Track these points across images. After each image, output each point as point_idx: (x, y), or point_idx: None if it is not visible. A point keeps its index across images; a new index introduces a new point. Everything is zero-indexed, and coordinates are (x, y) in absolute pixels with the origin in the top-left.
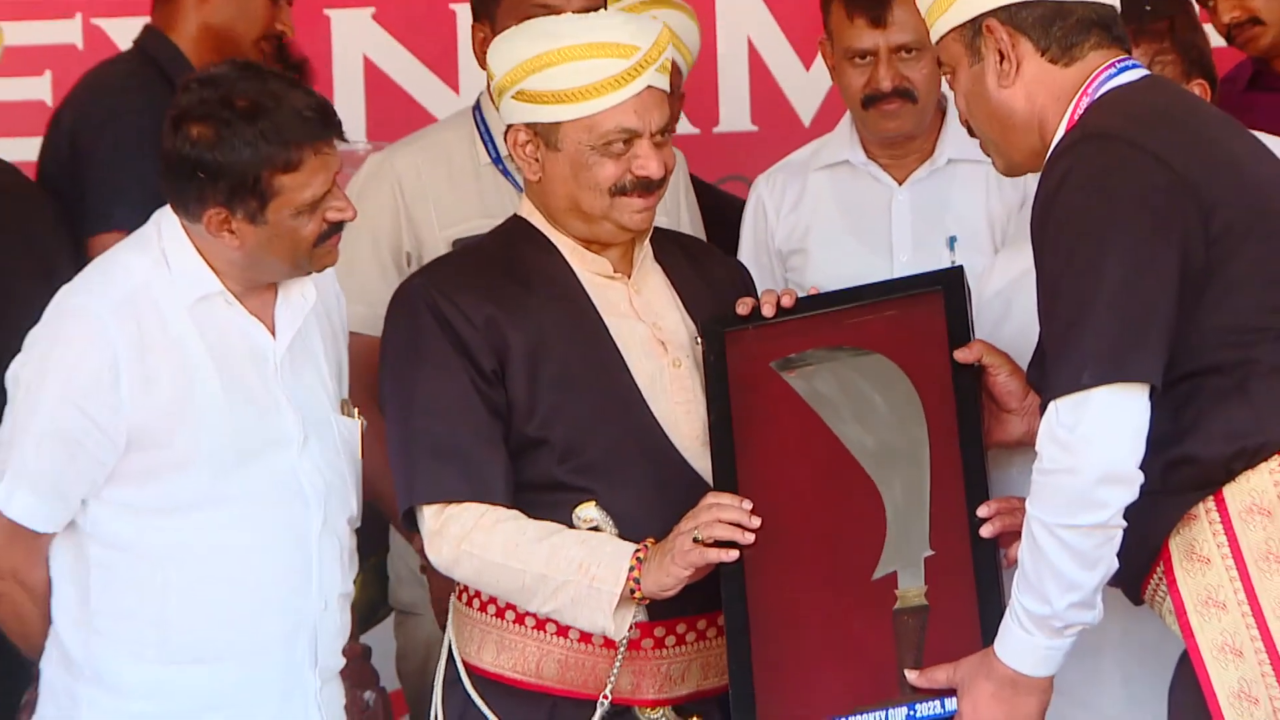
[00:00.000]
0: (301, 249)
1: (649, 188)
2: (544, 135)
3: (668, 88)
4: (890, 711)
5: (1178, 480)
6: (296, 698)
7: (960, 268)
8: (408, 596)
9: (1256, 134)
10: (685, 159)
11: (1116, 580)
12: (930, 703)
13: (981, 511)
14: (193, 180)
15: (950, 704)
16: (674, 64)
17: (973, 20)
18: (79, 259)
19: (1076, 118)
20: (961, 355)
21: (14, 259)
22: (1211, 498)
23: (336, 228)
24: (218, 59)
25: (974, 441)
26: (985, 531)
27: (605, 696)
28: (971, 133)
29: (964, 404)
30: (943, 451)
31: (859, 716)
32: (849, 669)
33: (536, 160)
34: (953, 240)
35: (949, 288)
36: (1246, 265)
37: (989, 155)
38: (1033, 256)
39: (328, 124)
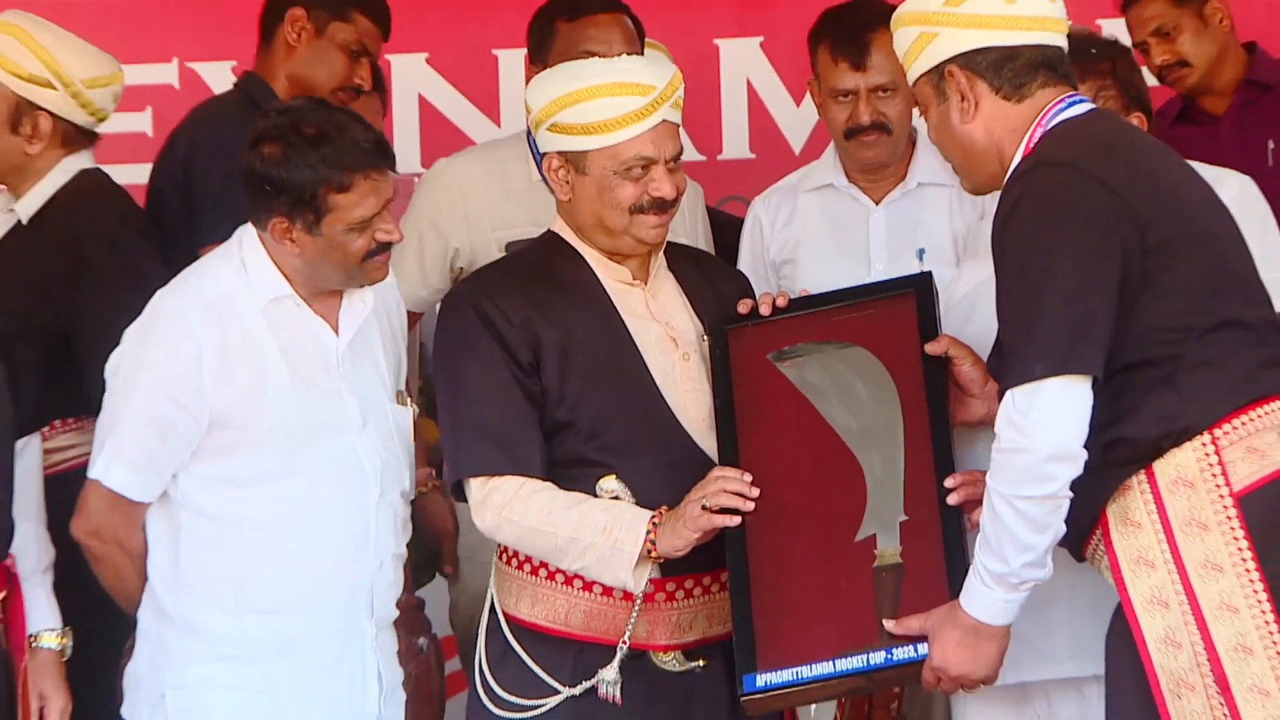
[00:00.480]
0: (351, 261)
1: (663, 207)
2: (574, 162)
3: (679, 121)
4: (870, 655)
5: (1115, 457)
6: (355, 643)
7: (929, 273)
8: (462, 555)
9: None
10: (701, 189)
11: (1063, 541)
12: (905, 648)
13: (948, 482)
14: (261, 192)
15: (922, 649)
16: None
17: (937, 66)
18: (175, 265)
19: (1032, 146)
20: (931, 348)
21: (104, 265)
22: (1143, 472)
23: (384, 247)
24: None
25: (942, 422)
26: (951, 500)
27: (624, 642)
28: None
29: (933, 390)
30: (915, 430)
31: (844, 659)
32: (835, 619)
33: (567, 183)
34: (921, 252)
35: (920, 290)
36: (1176, 275)
37: (958, 176)
38: (993, 265)
39: (382, 155)
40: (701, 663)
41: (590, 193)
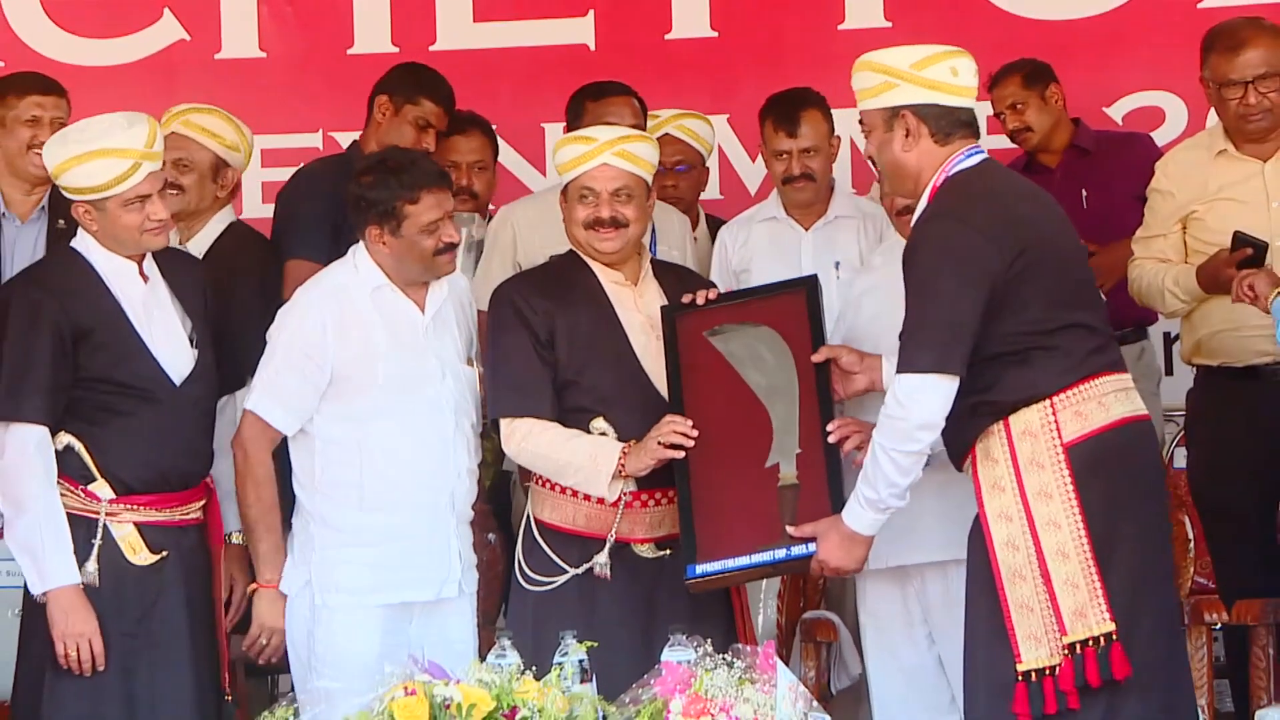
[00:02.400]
0: (426, 257)
1: (604, 225)
2: (563, 193)
3: (625, 167)
4: (775, 552)
5: (983, 413)
6: (440, 532)
7: (815, 275)
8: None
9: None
10: (689, 221)
11: (950, 458)
12: (799, 546)
13: (830, 427)
14: (360, 208)
15: (812, 547)
16: (697, 151)
17: (894, 107)
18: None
19: (937, 186)
20: (815, 358)
21: (257, 284)
22: (1002, 423)
23: (450, 246)
24: None
25: (825, 382)
26: (832, 439)
27: (612, 536)
28: (875, 165)
29: (819, 364)
30: (806, 387)
31: (757, 554)
32: (751, 524)
33: (563, 208)
34: (838, 264)
35: (810, 287)
36: (1030, 292)
37: (885, 181)
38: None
39: (441, 178)
40: (668, 552)
41: (568, 214)
